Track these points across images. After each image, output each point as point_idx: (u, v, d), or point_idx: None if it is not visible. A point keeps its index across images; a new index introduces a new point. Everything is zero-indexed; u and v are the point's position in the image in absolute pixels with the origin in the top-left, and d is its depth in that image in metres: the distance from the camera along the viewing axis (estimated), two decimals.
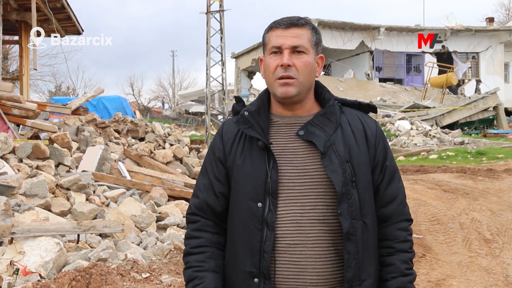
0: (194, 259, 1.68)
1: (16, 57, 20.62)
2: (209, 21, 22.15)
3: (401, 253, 1.66)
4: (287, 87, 1.63)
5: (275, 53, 1.65)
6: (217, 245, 1.70)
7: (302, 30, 1.65)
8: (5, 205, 4.96)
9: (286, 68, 1.62)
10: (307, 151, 1.64)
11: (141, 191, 7.83)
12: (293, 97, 1.65)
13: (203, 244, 1.69)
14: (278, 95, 1.65)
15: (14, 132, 8.27)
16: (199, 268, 1.66)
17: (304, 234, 1.58)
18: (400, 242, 1.67)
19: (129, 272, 4.44)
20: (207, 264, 1.67)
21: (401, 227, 1.69)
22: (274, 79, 1.64)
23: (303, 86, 1.65)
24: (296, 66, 1.62)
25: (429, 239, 5.96)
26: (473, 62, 29.65)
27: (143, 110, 41.34)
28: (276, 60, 1.64)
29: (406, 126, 19.04)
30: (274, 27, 1.67)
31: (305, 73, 1.64)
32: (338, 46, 26.85)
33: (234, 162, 1.67)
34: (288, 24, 1.64)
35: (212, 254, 1.69)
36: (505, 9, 43.17)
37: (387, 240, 1.68)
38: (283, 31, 1.64)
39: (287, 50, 1.62)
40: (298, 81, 1.63)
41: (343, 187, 1.58)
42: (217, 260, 1.68)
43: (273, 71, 1.64)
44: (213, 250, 1.69)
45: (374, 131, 1.71)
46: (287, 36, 1.63)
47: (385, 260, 1.67)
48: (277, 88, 1.64)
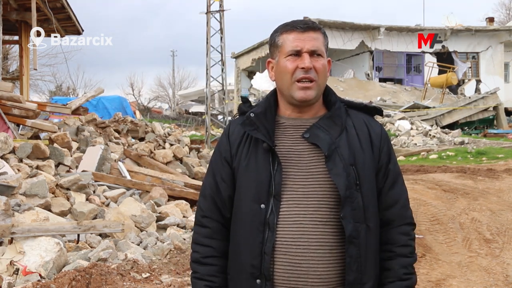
0: (205, 271, 1.71)
1: (16, 57, 20.63)
2: (209, 21, 22.16)
3: (401, 258, 1.66)
4: (307, 91, 1.63)
5: (292, 56, 1.64)
6: (225, 255, 1.72)
7: (317, 34, 1.66)
8: (5, 205, 4.96)
9: (307, 71, 1.62)
10: (312, 153, 1.64)
11: (141, 191, 7.83)
12: (311, 100, 1.66)
13: (213, 254, 1.71)
14: (296, 98, 1.65)
15: (14, 132, 8.28)
16: (210, 284, 1.69)
17: (307, 236, 1.58)
18: (401, 246, 1.67)
19: (129, 272, 4.44)
20: (218, 279, 1.70)
21: (403, 231, 1.69)
22: (292, 82, 1.64)
23: (320, 89, 1.67)
24: (316, 69, 1.63)
25: (429, 239, 5.96)
26: (473, 62, 29.64)
27: (143, 110, 41.35)
28: (294, 63, 1.63)
29: (406, 126, 19.04)
30: (290, 29, 1.66)
31: (322, 76, 1.66)
32: (338, 46, 26.83)
33: (240, 163, 1.68)
34: (306, 27, 1.64)
35: (222, 267, 1.71)
36: (505, 9, 43.22)
37: (388, 244, 1.68)
38: (300, 34, 1.64)
39: (307, 54, 1.63)
40: (317, 83, 1.64)
41: (347, 190, 1.58)
42: (225, 274, 1.71)
43: (292, 73, 1.64)
44: (222, 262, 1.71)
45: (379, 135, 1.71)
46: (306, 40, 1.63)
47: (385, 264, 1.67)
48: (296, 91, 1.64)
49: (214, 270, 1.70)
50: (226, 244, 1.72)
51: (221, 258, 1.71)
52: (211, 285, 1.69)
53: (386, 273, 1.66)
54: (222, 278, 1.70)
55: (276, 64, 1.69)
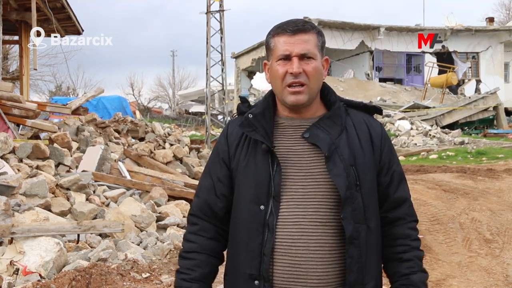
0: (184, 264, 1.72)
1: (16, 57, 20.62)
2: (209, 21, 22.15)
3: (417, 251, 1.67)
4: (297, 96, 1.62)
5: (283, 60, 1.62)
6: (209, 252, 1.71)
7: (309, 35, 1.62)
8: (5, 205, 4.96)
9: (296, 75, 1.60)
10: (312, 154, 1.63)
11: (141, 191, 7.83)
12: (303, 104, 1.64)
13: (195, 249, 1.71)
14: (288, 103, 1.64)
15: (14, 132, 8.28)
16: (185, 276, 1.70)
17: (306, 236, 1.57)
18: (414, 240, 1.68)
19: (129, 272, 4.44)
20: (194, 273, 1.69)
21: (412, 227, 1.70)
22: (283, 87, 1.63)
23: (313, 92, 1.64)
24: (306, 72, 1.61)
25: (429, 239, 5.95)
26: (473, 62, 29.64)
27: (143, 110, 41.35)
28: (284, 67, 1.62)
29: (406, 126, 19.04)
30: (281, 32, 1.63)
31: (314, 79, 1.63)
32: (338, 46, 26.84)
33: (238, 164, 1.67)
34: (295, 30, 1.61)
35: (201, 262, 1.70)
36: (505, 9, 43.20)
37: (401, 238, 1.68)
38: (290, 37, 1.61)
39: (296, 58, 1.60)
40: (308, 87, 1.62)
41: (347, 191, 1.57)
42: (204, 268, 1.70)
43: (282, 78, 1.62)
44: (203, 257, 1.70)
45: (379, 134, 1.70)
46: (295, 43, 1.60)
47: (403, 256, 1.66)
48: (287, 96, 1.63)
49: (192, 264, 1.70)
50: (214, 243, 1.72)
51: (203, 254, 1.70)
52: (186, 277, 1.69)
53: (406, 264, 1.65)
54: (199, 273, 1.69)
55: (270, 67, 1.68)
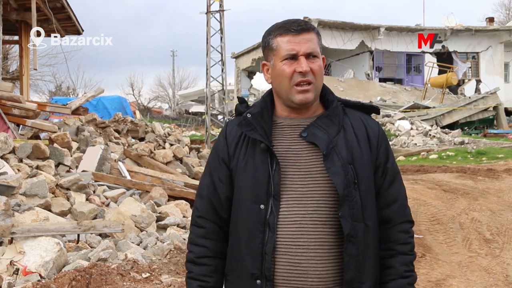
0: (199, 271, 1.71)
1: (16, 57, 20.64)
2: (209, 21, 22.15)
3: (402, 255, 1.67)
4: (306, 94, 1.63)
5: (289, 60, 1.63)
6: (220, 255, 1.73)
7: (311, 34, 1.64)
8: (5, 205, 4.96)
9: (305, 74, 1.62)
10: (311, 153, 1.64)
11: (141, 191, 7.83)
12: (310, 102, 1.66)
13: (208, 254, 1.71)
14: (296, 102, 1.65)
15: (14, 132, 8.28)
16: (204, 284, 1.70)
17: (306, 235, 1.58)
18: (401, 244, 1.68)
19: (129, 272, 4.44)
20: (211, 279, 1.71)
21: (402, 229, 1.69)
22: (291, 86, 1.63)
23: (318, 90, 1.67)
24: (313, 71, 1.63)
25: (429, 239, 5.96)
26: (473, 62, 29.63)
27: (143, 110, 41.33)
28: (291, 66, 1.63)
29: (406, 126, 19.03)
30: (284, 32, 1.64)
31: (320, 77, 1.66)
32: (338, 46, 26.84)
33: (237, 164, 1.68)
34: (299, 29, 1.63)
35: (216, 267, 1.72)
36: (505, 9, 43.17)
37: (388, 242, 1.68)
38: (294, 37, 1.63)
39: (303, 57, 1.62)
40: (314, 85, 1.64)
41: (345, 189, 1.58)
42: (219, 274, 1.72)
43: (290, 77, 1.63)
44: (217, 262, 1.72)
45: (376, 133, 1.71)
46: (301, 43, 1.62)
47: (386, 262, 1.67)
48: (295, 95, 1.64)
49: (208, 270, 1.71)
50: (222, 244, 1.72)
51: (216, 259, 1.72)
52: (205, 285, 1.70)
53: (387, 271, 1.67)
54: (216, 278, 1.71)
55: (272, 67, 1.68)
